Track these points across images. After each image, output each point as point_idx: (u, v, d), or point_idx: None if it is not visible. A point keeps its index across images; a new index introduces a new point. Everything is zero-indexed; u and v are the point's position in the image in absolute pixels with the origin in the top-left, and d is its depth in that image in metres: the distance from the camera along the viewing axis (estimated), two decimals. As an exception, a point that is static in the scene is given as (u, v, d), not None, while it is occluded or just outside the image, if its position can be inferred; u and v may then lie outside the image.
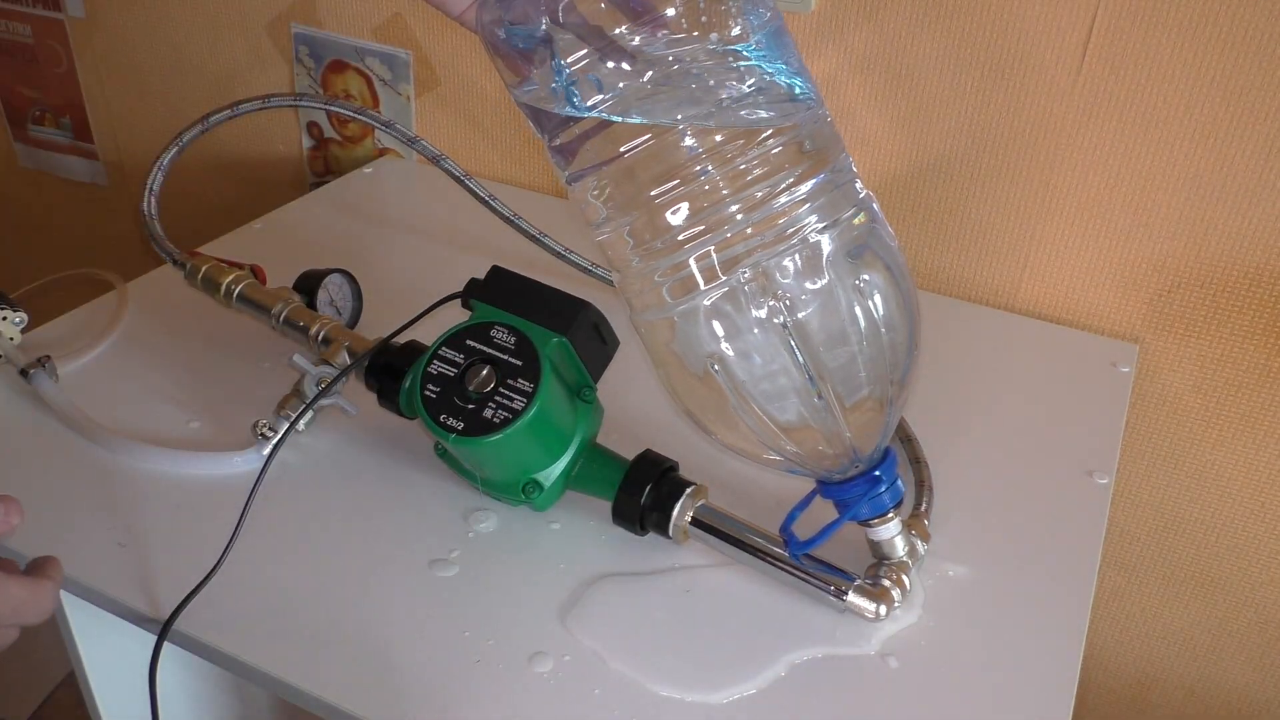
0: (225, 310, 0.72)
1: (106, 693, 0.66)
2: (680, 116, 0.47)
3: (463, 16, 0.54)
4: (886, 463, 0.53)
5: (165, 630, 0.51)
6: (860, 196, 0.51)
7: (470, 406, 0.55)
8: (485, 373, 0.55)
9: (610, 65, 0.47)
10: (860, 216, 0.50)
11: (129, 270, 0.84)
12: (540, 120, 0.50)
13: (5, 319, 0.70)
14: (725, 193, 0.48)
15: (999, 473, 0.67)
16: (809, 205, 0.49)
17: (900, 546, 0.55)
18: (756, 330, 0.49)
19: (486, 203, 0.77)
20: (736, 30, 0.48)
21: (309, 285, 0.74)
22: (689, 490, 0.57)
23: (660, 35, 0.47)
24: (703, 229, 0.48)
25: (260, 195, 1.25)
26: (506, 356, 0.56)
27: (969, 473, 0.67)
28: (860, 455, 0.52)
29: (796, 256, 0.48)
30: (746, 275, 0.48)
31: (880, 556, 0.55)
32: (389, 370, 0.62)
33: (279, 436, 0.63)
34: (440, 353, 0.57)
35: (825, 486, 0.54)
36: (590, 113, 0.48)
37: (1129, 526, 0.94)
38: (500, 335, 0.57)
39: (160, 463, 0.63)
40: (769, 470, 0.55)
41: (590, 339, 0.58)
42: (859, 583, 0.54)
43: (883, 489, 0.53)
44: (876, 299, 0.49)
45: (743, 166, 0.48)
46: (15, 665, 1.31)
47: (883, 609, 0.53)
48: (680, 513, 0.56)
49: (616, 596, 0.56)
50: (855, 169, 0.52)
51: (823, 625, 0.54)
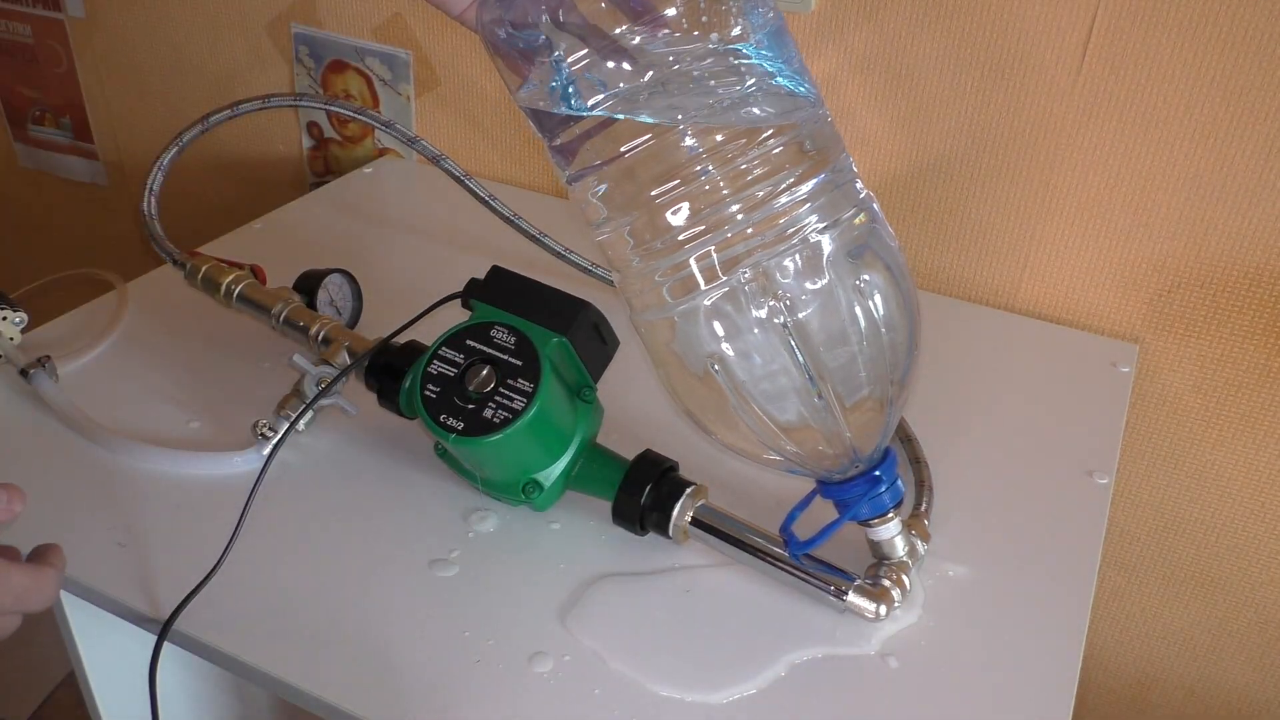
0: (225, 310, 0.72)
1: (106, 693, 0.66)
2: (681, 116, 0.47)
3: (463, 16, 0.54)
4: (886, 463, 0.53)
5: (165, 630, 0.51)
6: (860, 196, 0.51)
7: (470, 406, 0.55)
8: (485, 373, 0.55)
9: (611, 65, 0.47)
10: (860, 216, 0.50)
11: (129, 270, 0.84)
12: (541, 120, 0.50)
13: (5, 319, 0.70)
14: (725, 193, 0.48)
15: (999, 473, 0.67)
16: (809, 205, 0.49)
17: (900, 546, 0.55)
18: (756, 330, 0.49)
19: (486, 203, 0.77)
20: (737, 30, 0.48)
21: (309, 285, 0.74)
22: (689, 490, 0.57)
23: (661, 35, 0.47)
24: (703, 229, 0.48)
25: (260, 195, 1.25)
26: (506, 356, 0.56)
27: (969, 473, 0.67)
28: (860, 455, 0.52)
29: (797, 256, 0.48)
30: (747, 275, 0.48)
31: (880, 556, 0.55)
32: (389, 370, 0.62)
33: (279, 436, 0.63)
34: (440, 353, 0.57)
35: (825, 486, 0.54)
36: (590, 112, 0.48)
37: (1129, 526, 0.94)
38: (500, 335, 0.57)
39: (160, 463, 0.63)
40: (769, 470, 0.55)
41: (590, 339, 0.58)
42: (859, 583, 0.54)
43: (883, 489, 0.53)
44: (877, 299, 0.49)
45: (743, 166, 0.48)
46: (15, 665, 1.31)
47: (883, 609, 0.53)
48: (680, 513, 0.56)
49: (616, 596, 0.56)
50: (855, 169, 0.52)
51: (823, 625, 0.54)
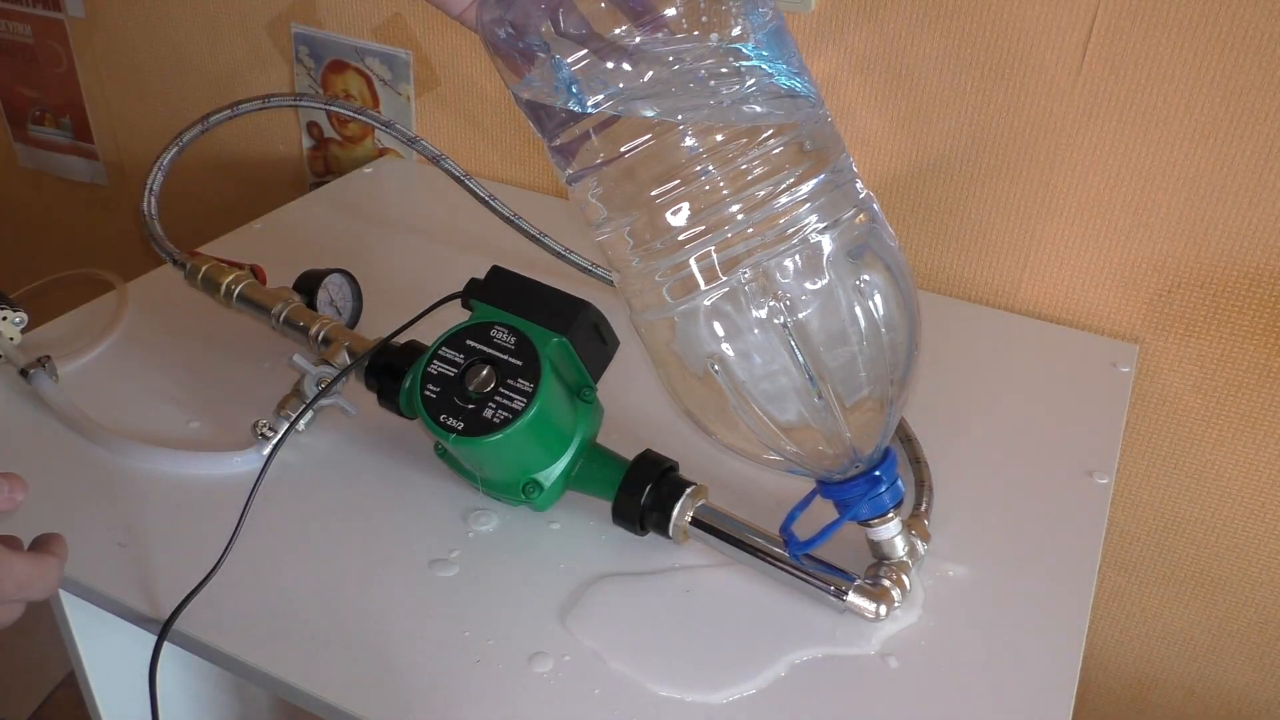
0: (225, 310, 0.72)
1: (106, 693, 0.66)
2: (681, 116, 0.47)
3: (463, 16, 0.54)
4: (886, 463, 0.53)
5: (165, 630, 0.51)
6: (861, 197, 0.51)
7: (470, 406, 0.55)
8: (485, 373, 0.55)
9: (610, 65, 0.47)
10: (861, 217, 0.50)
11: (129, 270, 0.84)
12: (540, 120, 0.50)
13: (5, 319, 0.70)
14: (726, 193, 0.48)
15: (999, 473, 0.67)
16: (809, 205, 0.49)
17: (900, 546, 0.55)
18: (757, 330, 0.49)
19: (486, 203, 0.77)
20: (737, 30, 0.48)
21: (309, 285, 0.74)
22: (689, 490, 0.57)
23: (661, 35, 0.47)
24: (703, 229, 0.48)
25: (260, 195, 1.25)
26: (506, 356, 0.56)
27: (969, 473, 0.67)
28: (860, 455, 0.52)
29: (797, 256, 0.48)
30: (747, 275, 0.48)
31: (880, 556, 0.55)
32: (389, 370, 0.62)
33: (279, 436, 0.63)
34: (440, 353, 0.57)
35: (825, 486, 0.54)
36: (590, 111, 0.48)
37: (1129, 526, 0.94)
38: (500, 335, 0.57)
39: (160, 463, 0.63)
40: (769, 470, 0.55)
41: (590, 339, 0.58)
42: (859, 583, 0.54)
43: (883, 489, 0.53)
44: (877, 299, 0.49)
45: (743, 166, 0.48)
46: (15, 665, 1.31)
47: (883, 609, 0.53)
48: (680, 513, 0.56)
49: (616, 596, 0.56)
50: (855, 169, 0.52)
51: (823, 625, 0.54)
